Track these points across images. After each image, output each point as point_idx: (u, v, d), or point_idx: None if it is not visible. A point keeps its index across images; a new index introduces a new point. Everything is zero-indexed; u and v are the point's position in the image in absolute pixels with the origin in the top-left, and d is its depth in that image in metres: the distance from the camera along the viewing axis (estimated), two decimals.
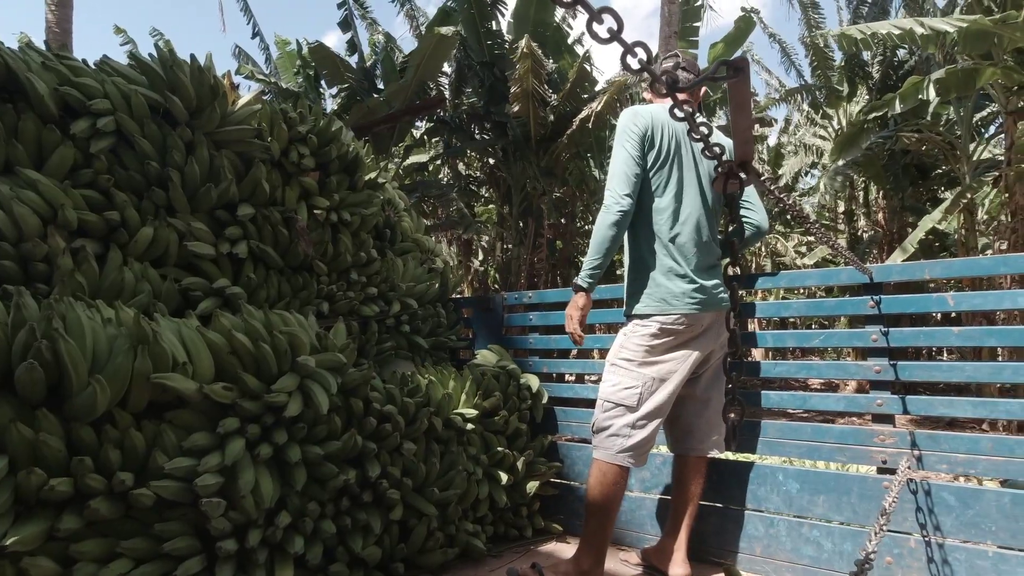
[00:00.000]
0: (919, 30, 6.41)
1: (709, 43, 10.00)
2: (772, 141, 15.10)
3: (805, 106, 11.47)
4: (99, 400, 1.41)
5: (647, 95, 2.19)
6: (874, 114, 8.07)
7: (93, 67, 2.07)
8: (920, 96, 6.83)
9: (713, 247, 1.95)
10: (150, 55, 2.13)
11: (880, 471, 1.93)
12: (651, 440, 1.89)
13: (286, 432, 1.70)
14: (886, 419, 1.93)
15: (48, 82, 1.89)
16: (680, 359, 1.88)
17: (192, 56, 2.13)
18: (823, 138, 13.56)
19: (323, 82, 9.57)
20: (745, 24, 9.61)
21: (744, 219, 2.04)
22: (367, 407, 1.92)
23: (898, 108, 7.12)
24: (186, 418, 1.58)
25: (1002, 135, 8.38)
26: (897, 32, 6.54)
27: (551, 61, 9.15)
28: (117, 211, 1.93)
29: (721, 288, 1.90)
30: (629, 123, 1.92)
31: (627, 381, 1.88)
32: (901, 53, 10.60)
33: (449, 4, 9.06)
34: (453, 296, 3.08)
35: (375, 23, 11.90)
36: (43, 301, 1.51)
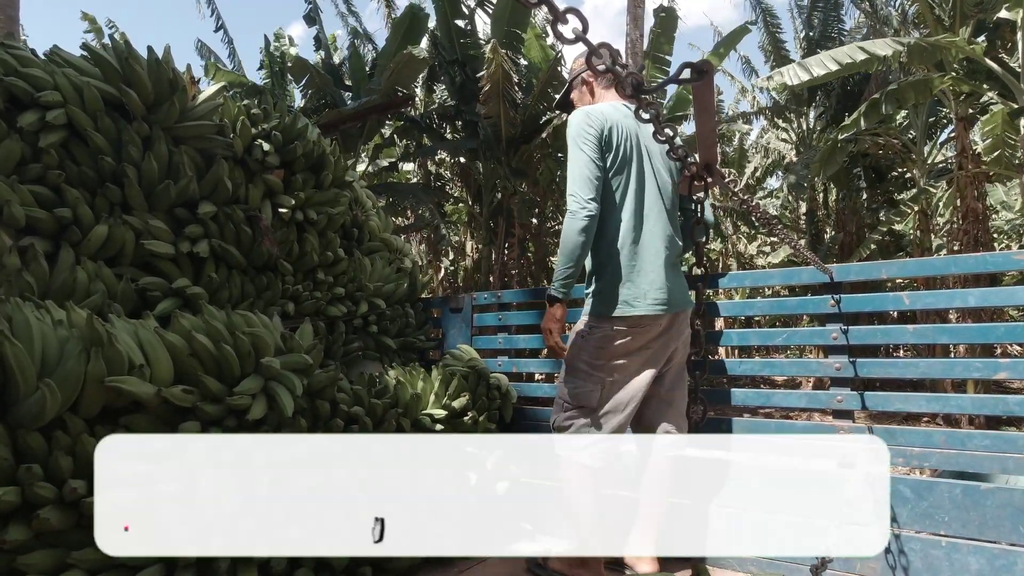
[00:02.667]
0: (859, 56, 6.67)
1: (684, 48, 10.14)
2: (738, 142, 15.48)
3: (768, 111, 11.75)
4: (48, 405, 1.34)
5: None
6: (844, 135, 8.43)
7: (43, 58, 1.98)
8: (882, 111, 7.18)
9: (675, 246, 1.95)
10: (103, 46, 2.05)
11: None
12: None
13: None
14: (846, 415, 1.99)
15: None
16: (640, 358, 1.89)
17: (149, 48, 2.06)
18: (785, 141, 13.90)
19: (289, 76, 9.40)
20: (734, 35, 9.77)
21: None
22: (334, 409, 1.89)
23: (863, 125, 7.50)
24: (143, 423, 1.53)
25: (955, 139, 8.75)
26: (835, 67, 6.82)
27: (523, 61, 9.15)
28: (69, 208, 1.85)
29: (683, 288, 1.92)
30: (583, 124, 1.85)
31: (587, 382, 1.89)
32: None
33: (417, 4, 8.97)
34: (422, 296, 3.05)
35: (348, 13, 11.70)
36: None
